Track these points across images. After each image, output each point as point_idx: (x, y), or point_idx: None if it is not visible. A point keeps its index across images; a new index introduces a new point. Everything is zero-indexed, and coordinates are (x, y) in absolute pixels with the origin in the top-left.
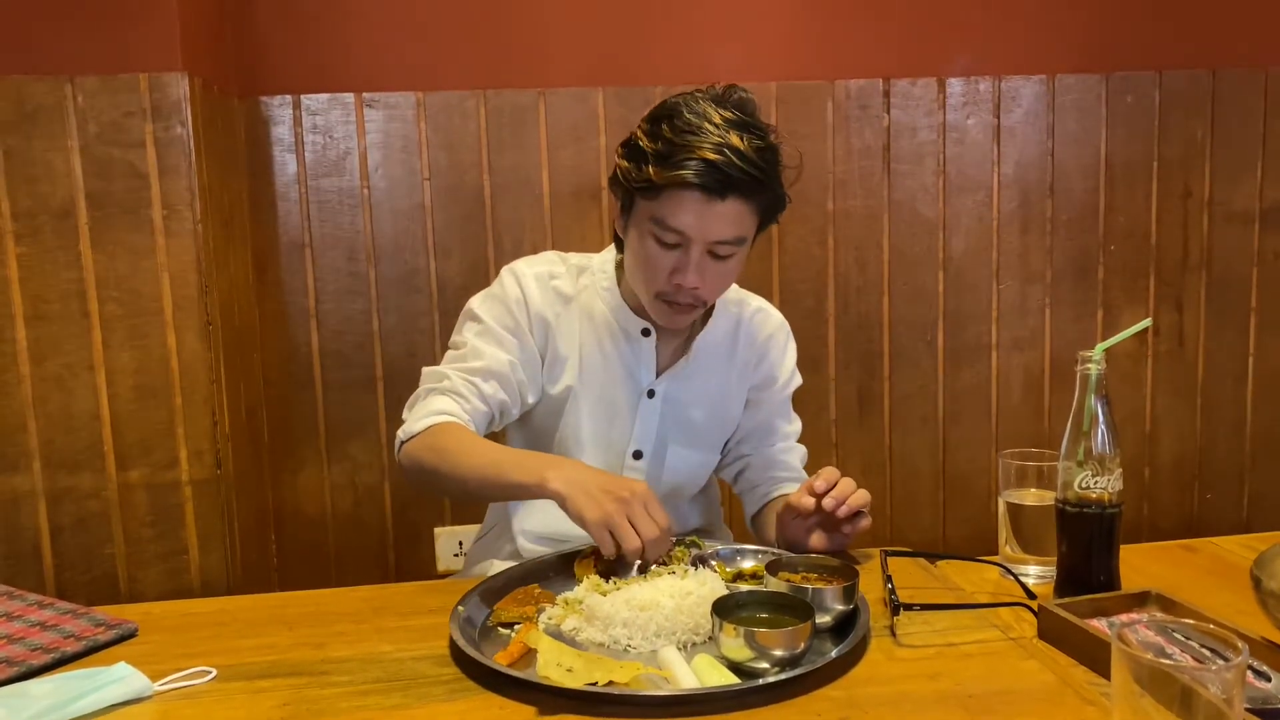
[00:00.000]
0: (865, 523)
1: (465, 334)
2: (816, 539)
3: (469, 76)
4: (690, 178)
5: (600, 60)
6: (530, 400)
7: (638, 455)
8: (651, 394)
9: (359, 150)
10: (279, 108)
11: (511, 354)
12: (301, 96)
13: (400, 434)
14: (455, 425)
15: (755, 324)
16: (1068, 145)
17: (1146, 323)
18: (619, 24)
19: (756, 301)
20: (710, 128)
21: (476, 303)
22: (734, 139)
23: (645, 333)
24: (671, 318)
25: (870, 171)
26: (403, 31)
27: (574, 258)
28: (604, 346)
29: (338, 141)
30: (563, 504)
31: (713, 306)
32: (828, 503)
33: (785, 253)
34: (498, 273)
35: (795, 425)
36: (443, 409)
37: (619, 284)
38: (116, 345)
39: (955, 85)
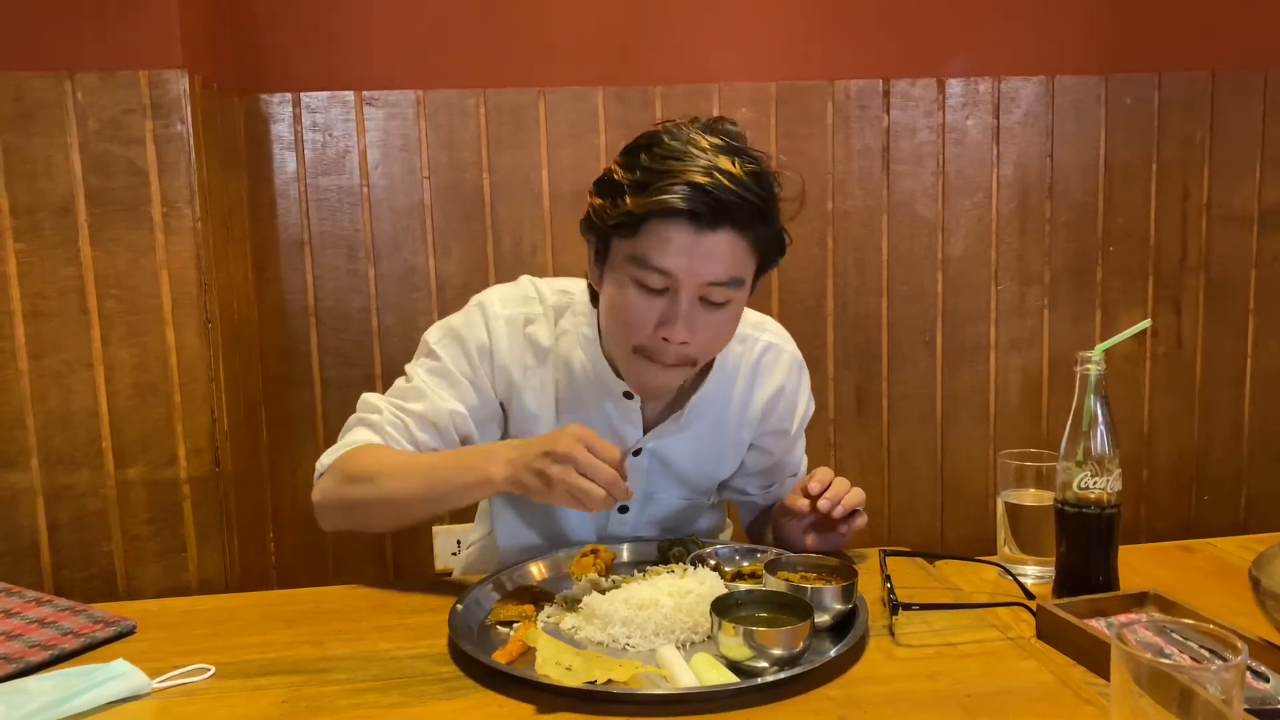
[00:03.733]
0: (861, 522)
1: (417, 368)
2: (812, 540)
3: (469, 75)
4: (676, 203)
5: (600, 59)
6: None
7: (623, 510)
8: (638, 452)
9: (359, 148)
10: (279, 105)
11: (462, 402)
12: (301, 94)
13: (317, 467)
14: (369, 447)
15: (763, 368)
16: (1067, 146)
17: (1146, 324)
18: (619, 23)
19: (766, 335)
20: (696, 152)
21: (434, 336)
22: (723, 162)
23: (628, 395)
24: (653, 377)
25: (869, 172)
26: (403, 30)
27: (550, 293)
28: (585, 401)
29: (337, 139)
30: (526, 490)
31: (710, 361)
32: (823, 504)
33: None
34: (497, 272)
35: (803, 459)
36: (360, 441)
37: (599, 333)
38: (115, 342)
39: (955, 86)
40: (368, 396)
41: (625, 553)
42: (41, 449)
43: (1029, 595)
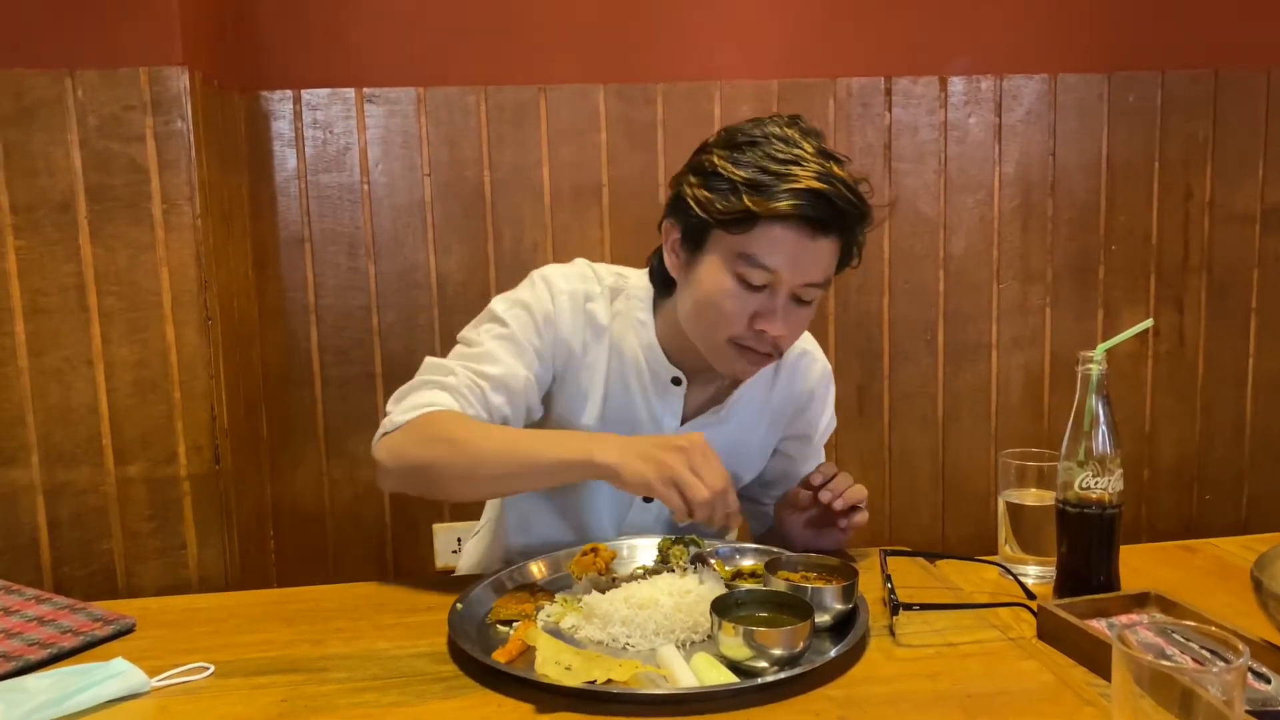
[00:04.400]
0: (861, 518)
1: (481, 334)
2: (813, 536)
3: (470, 72)
4: (797, 208)
5: (602, 57)
6: (534, 420)
7: (648, 499)
8: None
9: (359, 146)
10: (279, 103)
11: (529, 371)
12: (302, 91)
13: (385, 425)
14: (453, 413)
15: (798, 372)
16: (1069, 145)
17: (1148, 323)
18: (621, 21)
19: (801, 341)
20: (809, 156)
21: (501, 306)
22: (836, 170)
23: (676, 381)
24: (745, 367)
25: (871, 170)
26: (403, 27)
27: (607, 274)
28: (630, 387)
29: (338, 137)
30: (617, 474)
31: None
32: (824, 495)
33: None
34: (498, 270)
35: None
36: (436, 403)
37: (655, 320)
38: (115, 339)
39: (957, 84)
40: (435, 359)
41: (625, 552)
42: (41, 446)
43: (1030, 595)
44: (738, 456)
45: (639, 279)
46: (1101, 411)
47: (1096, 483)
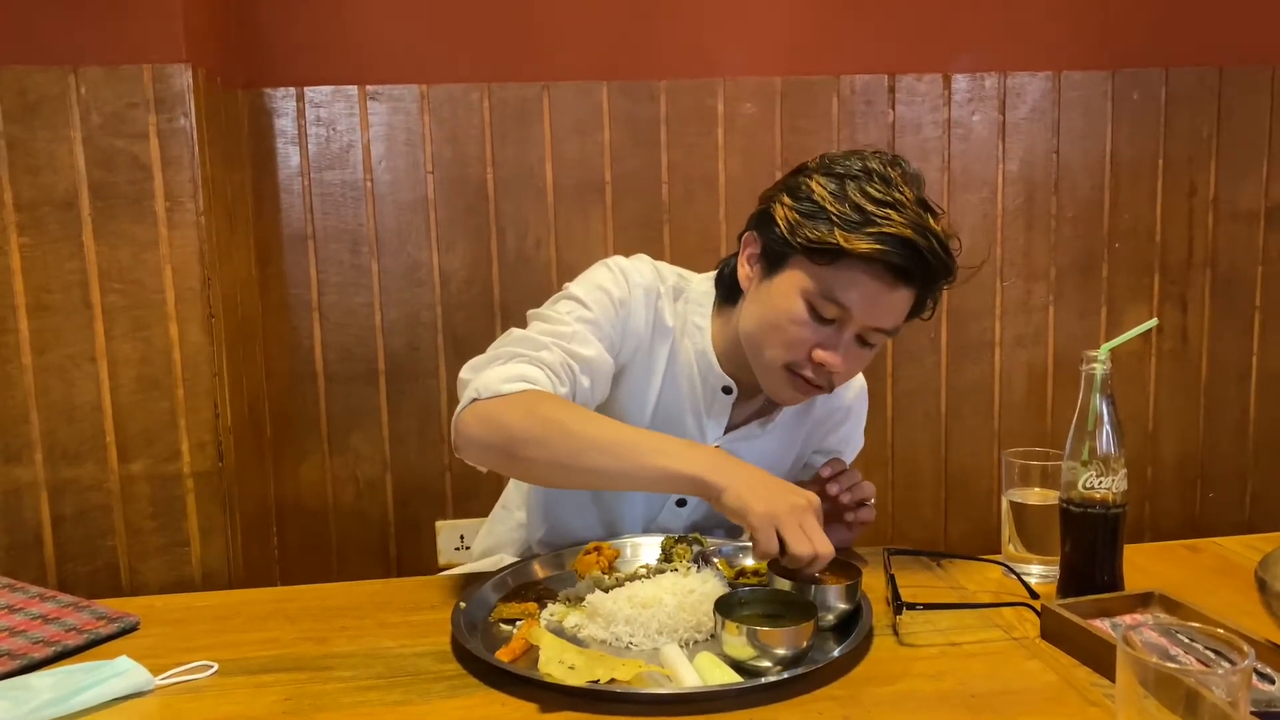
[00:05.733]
0: (868, 514)
1: (563, 313)
2: None
3: (473, 69)
4: (884, 255)
5: (605, 54)
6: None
7: (681, 504)
8: None
9: (362, 143)
10: (282, 100)
11: (611, 356)
12: (305, 89)
13: (476, 389)
14: (554, 395)
15: (838, 389)
16: (1073, 142)
17: (1153, 323)
18: (624, 18)
19: None
20: (907, 204)
21: (581, 289)
22: (932, 223)
23: (727, 390)
24: (793, 395)
25: None
26: (406, 24)
27: (670, 274)
28: (681, 391)
29: (341, 134)
30: (719, 495)
31: None
32: (832, 488)
33: None
34: (501, 267)
35: None
36: (530, 378)
37: (712, 327)
38: (119, 337)
39: (961, 81)
40: (521, 332)
41: (628, 551)
42: (45, 443)
43: (1034, 595)
44: (776, 465)
45: (700, 283)
46: (1105, 411)
47: (1100, 482)
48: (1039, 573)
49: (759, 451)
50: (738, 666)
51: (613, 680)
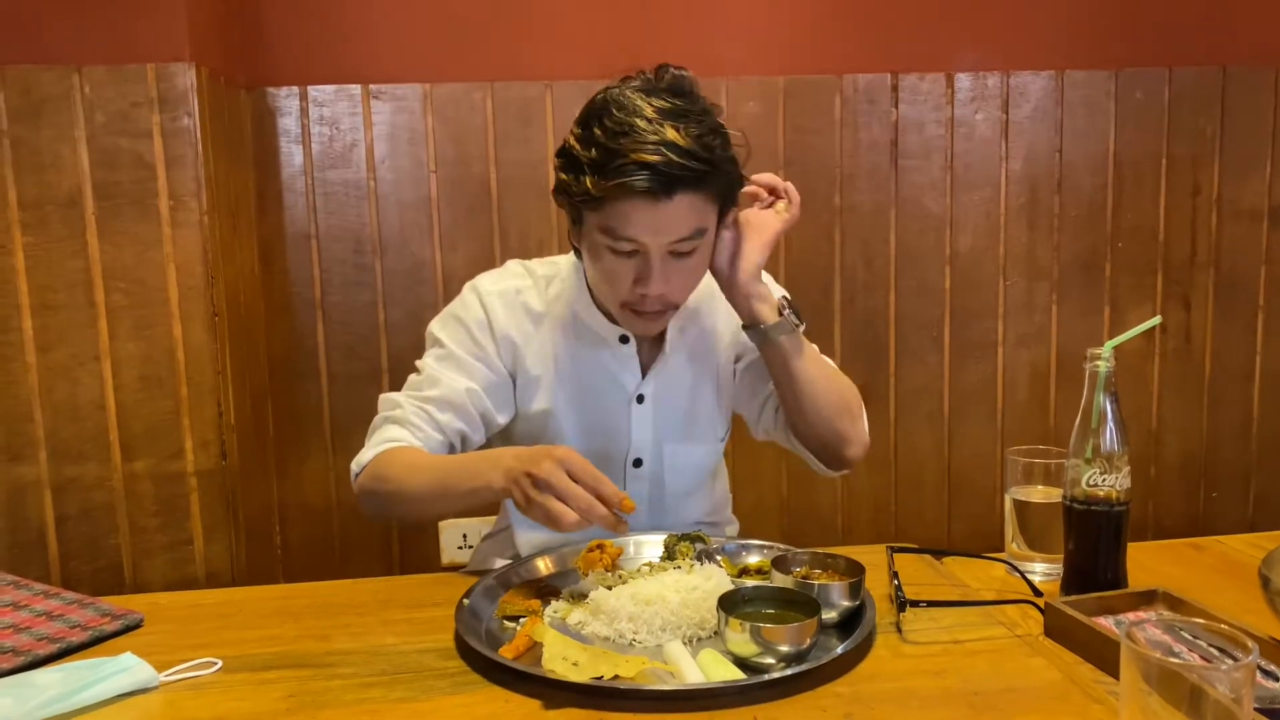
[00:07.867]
0: (786, 206)
1: (427, 359)
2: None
3: (476, 68)
4: (631, 185)
5: (608, 53)
6: (501, 421)
7: (638, 463)
8: (641, 399)
9: (365, 142)
10: (285, 99)
11: (473, 380)
12: (308, 88)
13: (354, 465)
14: (402, 449)
15: (714, 288)
16: (1076, 141)
17: (1156, 320)
18: (627, 17)
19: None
20: (643, 124)
21: (437, 326)
22: (670, 133)
23: (624, 339)
24: (645, 326)
25: (877, 167)
26: (409, 23)
27: (540, 266)
28: (583, 358)
29: (344, 133)
30: (496, 490)
31: None
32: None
33: (791, 248)
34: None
35: None
36: (393, 437)
37: (589, 290)
38: (122, 335)
39: (963, 80)
40: (386, 395)
41: (631, 548)
42: (49, 442)
43: (1037, 593)
44: (704, 389)
45: (568, 259)
46: (1109, 409)
47: (1104, 480)
48: (1042, 571)
49: (684, 381)
50: (741, 663)
51: (616, 677)
